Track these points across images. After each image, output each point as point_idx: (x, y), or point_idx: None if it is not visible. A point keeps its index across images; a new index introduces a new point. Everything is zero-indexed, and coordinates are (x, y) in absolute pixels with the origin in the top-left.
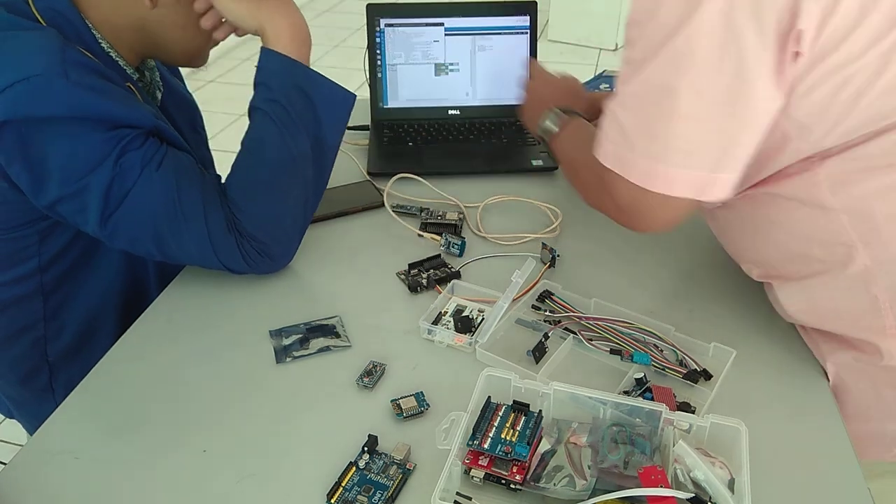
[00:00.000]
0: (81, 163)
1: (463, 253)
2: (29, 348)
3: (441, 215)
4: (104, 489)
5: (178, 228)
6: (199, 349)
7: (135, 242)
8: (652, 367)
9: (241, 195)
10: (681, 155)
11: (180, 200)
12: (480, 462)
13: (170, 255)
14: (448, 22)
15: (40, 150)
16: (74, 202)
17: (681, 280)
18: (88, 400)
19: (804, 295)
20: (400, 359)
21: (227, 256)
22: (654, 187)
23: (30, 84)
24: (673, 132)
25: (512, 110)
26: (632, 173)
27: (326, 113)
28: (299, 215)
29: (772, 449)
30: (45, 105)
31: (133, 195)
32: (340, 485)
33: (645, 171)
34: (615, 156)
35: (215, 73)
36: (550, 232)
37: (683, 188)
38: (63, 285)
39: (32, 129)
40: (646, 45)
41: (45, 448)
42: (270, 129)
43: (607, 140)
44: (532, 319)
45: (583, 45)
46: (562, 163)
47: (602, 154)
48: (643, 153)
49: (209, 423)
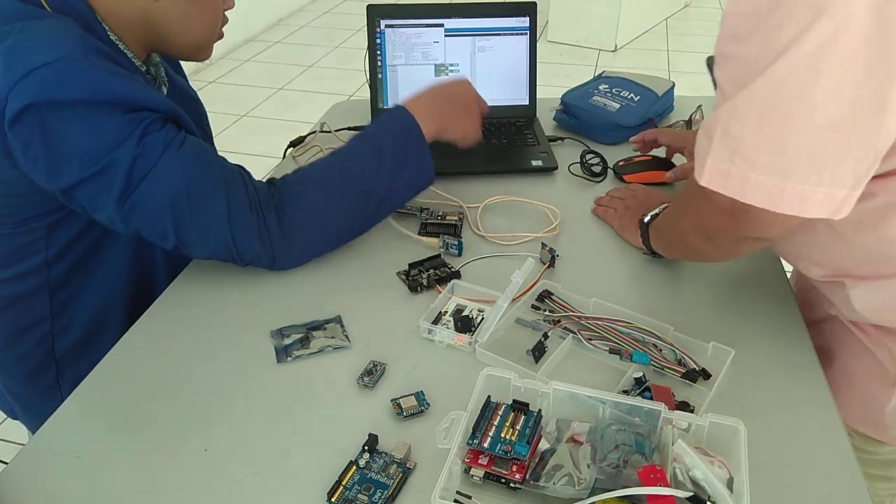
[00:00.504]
0: (103, 143)
1: (461, 253)
2: (35, 345)
3: (441, 216)
4: (105, 488)
5: (198, 206)
6: (200, 349)
7: (152, 222)
8: (651, 366)
9: (303, 183)
10: (816, 170)
11: (202, 179)
12: (480, 461)
13: (184, 237)
14: (448, 23)
15: (61, 133)
16: (94, 184)
17: (680, 280)
18: (89, 399)
19: (884, 294)
20: (400, 358)
21: (244, 237)
22: (780, 208)
23: (54, 67)
24: (807, 144)
25: (512, 111)
26: (754, 195)
27: (409, 175)
28: (331, 232)
29: (770, 448)
30: (70, 88)
31: (155, 173)
32: (341, 483)
33: (770, 191)
34: (725, 175)
35: (216, 73)
36: (550, 231)
37: (816, 208)
38: (70, 281)
39: (54, 112)
40: (768, 40)
41: (46, 447)
42: (367, 151)
43: (716, 159)
44: (532, 319)
45: (582, 45)
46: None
47: (707, 176)
48: (767, 170)
49: (210, 422)
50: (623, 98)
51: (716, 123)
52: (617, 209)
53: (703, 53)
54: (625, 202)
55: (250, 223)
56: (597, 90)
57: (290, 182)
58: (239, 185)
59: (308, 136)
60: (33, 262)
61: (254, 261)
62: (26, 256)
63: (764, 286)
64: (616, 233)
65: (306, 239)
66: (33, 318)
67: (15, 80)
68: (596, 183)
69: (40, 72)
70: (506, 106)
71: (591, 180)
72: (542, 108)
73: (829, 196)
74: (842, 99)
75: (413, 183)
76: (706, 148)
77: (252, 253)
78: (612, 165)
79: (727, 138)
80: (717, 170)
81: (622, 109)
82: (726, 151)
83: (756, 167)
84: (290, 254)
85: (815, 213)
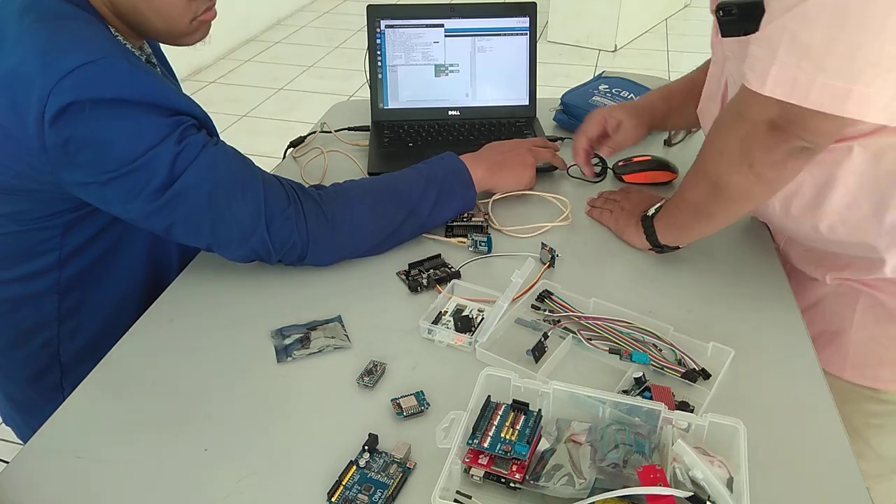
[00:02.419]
0: (143, 142)
1: (491, 249)
2: (40, 348)
3: (467, 217)
4: (105, 488)
5: (236, 196)
6: (200, 349)
7: (189, 217)
8: (651, 366)
9: (348, 189)
10: (883, 74)
11: (240, 172)
12: (480, 461)
13: (218, 231)
14: (448, 23)
15: (102, 130)
16: (132, 180)
17: (679, 280)
18: (90, 399)
19: None
20: (400, 358)
21: (279, 224)
22: (845, 111)
23: (97, 66)
24: (879, 49)
25: (511, 111)
26: (820, 98)
27: (452, 205)
28: (365, 235)
29: (770, 448)
30: (112, 86)
31: (195, 167)
32: (341, 483)
33: (837, 93)
34: (792, 81)
35: (216, 73)
36: (564, 220)
37: (880, 112)
38: (80, 284)
39: (96, 109)
40: None
41: (46, 447)
42: (415, 177)
43: (782, 68)
44: (531, 319)
45: (582, 46)
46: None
47: (772, 85)
48: (835, 74)
49: (210, 422)
50: (623, 98)
51: (781, 33)
52: (612, 210)
53: (703, 54)
54: (619, 203)
55: (287, 211)
56: (596, 90)
57: (336, 186)
58: (273, 181)
59: (308, 137)
60: (46, 260)
61: (287, 252)
62: (39, 255)
63: (764, 286)
64: (614, 233)
65: (341, 236)
66: (40, 321)
67: (58, 79)
68: (595, 183)
69: (83, 70)
70: (506, 106)
71: (591, 181)
72: (542, 108)
73: (893, 100)
74: None
75: (452, 214)
76: (769, 58)
77: (285, 240)
78: (612, 166)
79: (795, 46)
80: (784, 77)
81: None
82: (794, 59)
83: (825, 70)
84: (324, 247)
85: (878, 118)
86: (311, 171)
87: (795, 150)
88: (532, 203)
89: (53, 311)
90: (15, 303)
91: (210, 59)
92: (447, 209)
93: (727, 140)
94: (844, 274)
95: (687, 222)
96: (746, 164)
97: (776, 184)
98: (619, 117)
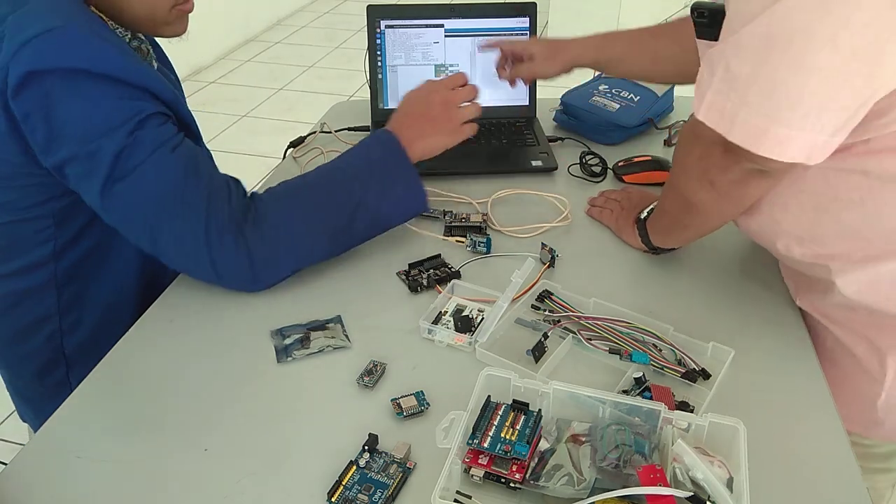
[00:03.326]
0: (97, 123)
1: (490, 250)
2: (44, 342)
3: (465, 217)
4: (105, 488)
5: (177, 213)
6: (200, 349)
7: (130, 220)
8: (651, 366)
9: (285, 193)
10: (802, 114)
11: (186, 187)
12: (480, 461)
13: (159, 243)
14: (448, 23)
15: (59, 106)
16: (83, 164)
17: (679, 280)
18: (90, 399)
19: (869, 275)
20: (400, 358)
21: (222, 253)
22: (760, 150)
23: (52, 35)
24: (800, 87)
25: (511, 111)
26: (738, 134)
27: (397, 196)
28: (306, 248)
29: (770, 448)
30: (67, 56)
31: (142, 170)
32: (341, 483)
33: (753, 131)
34: (721, 111)
35: (216, 74)
36: (563, 220)
37: (794, 152)
38: (77, 276)
39: (54, 81)
40: None
41: (46, 447)
42: (353, 168)
43: (716, 94)
44: (531, 319)
45: None
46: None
47: (704, 111)
48: (754, 109)
49: (210, 422)
50: (623, 98)
51: (720, 57)
52: (612, 210)
53: None
54: (619, 203)
55: (228, 240)
56: (596, 90)
57: (272, 193)
58: (223, 199)
59: (308, 137)
60: (41, 252)
61: (234, 277)
62: (34, 247)
63: (764, 286)
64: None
65: (288, 249)
66: (41, 315)
67: (14, 50)
68: (595, 183)
69: (37, 40)
70: (505, 106)
71: (591, 181)
72: (541, 108)
73: (809, 141)
74: (841, 42)
75: (403, 204)
76: (707, 82)
77: (231, 268)
78: (612, 166)
79: (728, 74)
80: (715, 104)
81: (622, 110)
82: (725, 87)
83: (748, 104)
84: (272, 265)
85: (792, 157)
86: None
87: (753, 171)
88: (531, 203)
89: (54, 305)
90: (16, 297)
91: (210, 59)
92: (394, 205)
93: (688, 157)
94: (808, 297)
95: (668, 230)
96: (707, 181)
97: (743, 199)
98: (533, 50)
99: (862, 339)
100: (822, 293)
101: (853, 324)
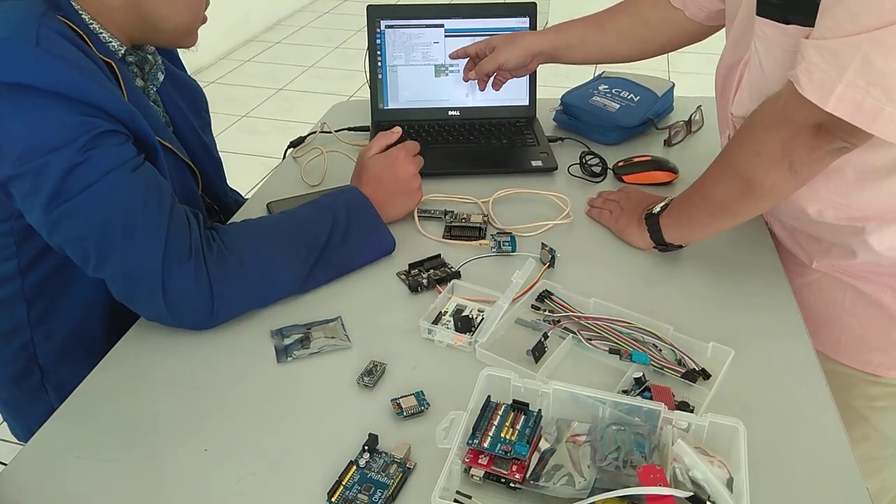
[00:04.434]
0: (44, 140)
1: (515, 249)
2: (18, 351)
3: (466, 217)
4: (105, 488)
5: (133, 237)
6: (200, 349)
7: (75, 242)
8: (651, 366)
9: (249, 227)
10: None
11: (146, 209)
12: (480, 461)
13: (104, 267)
14: (448, 23)
15: (3, 120)
16: (28, 181)
17: (679, 280)
18: (89, 400)
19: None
20: (400, 358)
21: (177, 280)
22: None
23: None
24: None
25: (511, 111)
26: (883, 128)
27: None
28: (268, 286)
29: (770, 448)
30: (11, 70)
31: (93, 190)
32: (341, 483)
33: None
34: (859, 104)
35: (217, 73)
36: (565, 218)
37: None
38: (45, 293)
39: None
40: None
41: (46, 448)
42: (319, 212)
43: (850, 88)
44: (531, 319)
45: None
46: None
47: (835, 103)
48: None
49: (210, 422)
50: (623, 98)
51: (853, 52)
52: (612, 211)
53: (702, 54)
54: (619, 203)
55: (187, 269)
56: (596, 90)
57: (237, 227)
58: (183, 229)
59: (308, 137)
60: (6, 268)
61: (189, 309)
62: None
63: (764, 286)
64: (614, 233)
65: (253, 285)
66: (14, 326)
67: None
68: (595, 183)
69: None
70: (506, 106)
71: (591, 181)
72: (541, 108)
73: None
74: None
75: (373, 248)
76: (836, 75)
77: (187, 300)
78: (612, 166)
79: (867, 69)
80: (850, 98)
81: (622, 110)
82: (863, 82)
83: (893, 101)
84: (232, 301)
85: None
86: (311, 171)
87: (835, 150)
88: (532, 202)
89: (24, 318)
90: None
91: (210, 59)
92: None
93: (767, 141)
94: (826, 260)
95: (704, 219)
96: (786, 163)
97: (808, 179)
98: (494, 42)
99: (888, 289)
100: (843, 255)
101: (880, 276)
